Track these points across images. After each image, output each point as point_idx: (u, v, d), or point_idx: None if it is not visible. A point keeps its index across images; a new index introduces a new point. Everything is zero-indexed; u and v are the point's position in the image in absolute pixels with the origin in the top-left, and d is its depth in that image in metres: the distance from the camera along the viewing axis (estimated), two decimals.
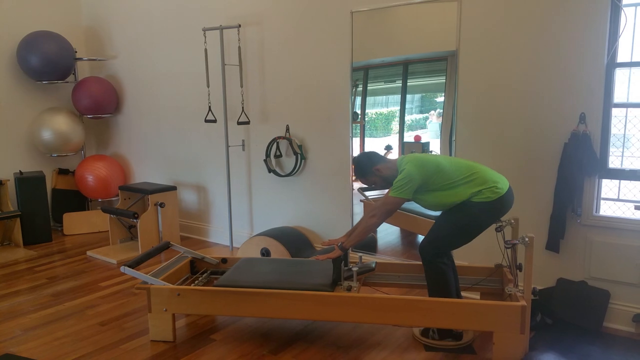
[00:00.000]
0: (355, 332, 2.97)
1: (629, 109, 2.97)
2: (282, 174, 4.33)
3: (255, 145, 4.53)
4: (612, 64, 2.88)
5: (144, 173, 5.54)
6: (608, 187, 3.08)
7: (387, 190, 2.92)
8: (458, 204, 2.68)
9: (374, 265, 2.97)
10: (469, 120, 3.36)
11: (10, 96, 5.20)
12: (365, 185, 3.17)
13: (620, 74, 2.92)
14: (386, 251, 3.87)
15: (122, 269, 2.89)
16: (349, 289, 2.76)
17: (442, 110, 3.49)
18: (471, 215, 2.66)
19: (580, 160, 2.92)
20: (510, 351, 2.53)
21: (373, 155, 2.84)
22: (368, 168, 2.80)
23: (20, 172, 5.11)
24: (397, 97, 3.67)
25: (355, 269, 2.83)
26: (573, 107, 2.98)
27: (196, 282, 3.16)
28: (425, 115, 3.57)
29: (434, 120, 3.53)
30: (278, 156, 4.35)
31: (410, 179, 2.63)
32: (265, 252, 3.92)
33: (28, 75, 5.16)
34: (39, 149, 5.33)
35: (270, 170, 4.34)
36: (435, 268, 2.73)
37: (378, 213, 2.70)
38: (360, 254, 3.24)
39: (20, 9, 5.20)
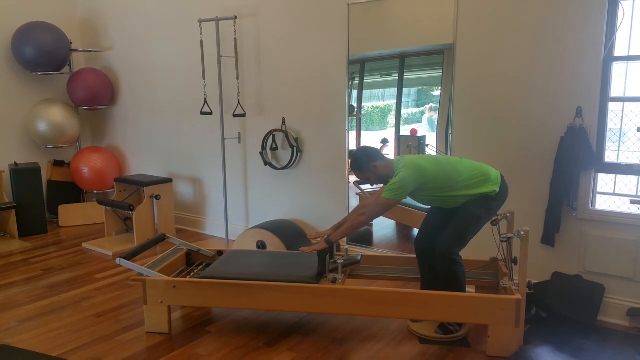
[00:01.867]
0: (350, 325, 2.98)
1: (626, 104, 2.97)
2: (278, 166, 4.32)
3: (251, 138, 4.51)
4: (609, 58, 2.88)
5: (139, 165, 5.52)
6: (604, 181, 3.09)
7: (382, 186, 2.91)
8: (463, 203, 2.71)
9: (359, 257, 2.98)
10: (465, 113, 3.35)
11: (5, 87, 5.16)
12: (364, 182, 3.15)
13: (617, 68, 2.91)
14: (382, 244, 3.87)
15: (118, 260, 2.88)
16: (334, 281, 2.78)
17: (435, 105, 3.48)
18: (484, 209, 2.69)
19: (577, 154, 2.92)
20: (505, 344, 2.55)
21: (372, 151, 2.83)
22: (365, 163, 2.79)
23: (16, 164, 5.09)
24: (394, 91, 3.66)
25: (340, 261, 2.84)
26: (570, 100, 2.97)
27: (192, 274, 3.16)
28: (421, 109, 3.56)
29: (427, 114, 3.52)
30: (274, 149, 4.34)
31: (405, 184, 2.63)
32: (261, 245, 3.92)
33: (23, 67, 5.12)
34: (35, 141, 5.30)
35: (266, 163, 4.33)
36: (458, 266, 2.73)
37: (368, 212, 2.70)
38: (347, 247, 3.24)
39: None
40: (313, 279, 2.77)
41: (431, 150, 3.54)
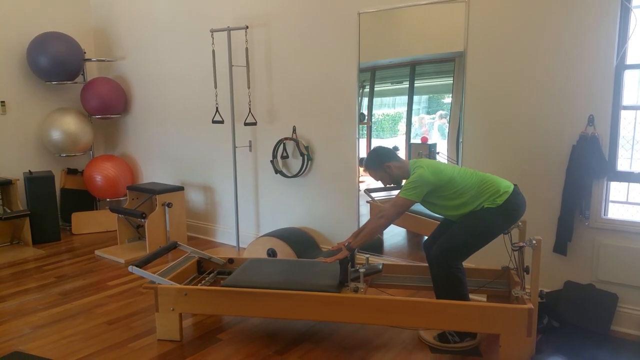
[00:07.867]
0: (360, 333, 2.97)
1: (638, 112, 2.95)
2: (289, 174, 4.33)
3: (262, 146, 4.54)
4: (622, 66, 2.86)
5: (151, 173, 5.57)
6: (617, 189, 3.06)
7: (395, 193, 2.91)
8: (470, 211, 2.68)
9: (380, 266, 2.97)
10: (476, 121, 3.35)
11: (20, 97, 5.24)
12: (376, 181, 3.10)
13: (629, 76, 2.90)
14: (392, 253, 3.86)
15: (130, 268, 2.90)
16: (356, 290, 2.77)
17: (446, 112, 3.48)
18: (486, 222, 2.65)
19: (589, 162, 2.90)
20: (517, 354, 2.52)
21: (387, 151, 2.81)
22: (380, 162, 2.77)
23: (30, 172, 5.15)
24: (404, 98, 3.67)
25: (362, 270, 2.82)
26: (581, 109, 2.96)
27: (203, 282, 3.18)
28: (432, 116, 3.56)
29: (438, 121, 3.52)
30: (285, 157, 4.36)
31: (422, 182, 2.62)
32: (272, 253, 3.93)
33: (38, 76, 5.20)
34: (48, 149, 5.37)
35: (276, 171, 4.35)
36: (451, 276, 2.69)
37: (386, 214, 2.68)
38: (367, 256, 3.24)
39: (30, 10, 5.24)
40: (335, 288, 2.75)
41: (441, 157, 3.53)
